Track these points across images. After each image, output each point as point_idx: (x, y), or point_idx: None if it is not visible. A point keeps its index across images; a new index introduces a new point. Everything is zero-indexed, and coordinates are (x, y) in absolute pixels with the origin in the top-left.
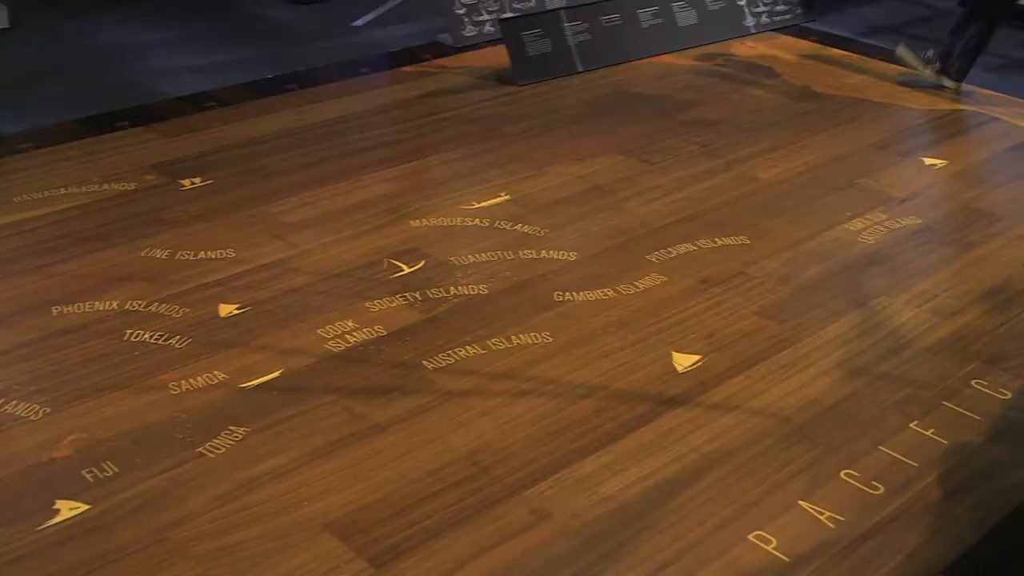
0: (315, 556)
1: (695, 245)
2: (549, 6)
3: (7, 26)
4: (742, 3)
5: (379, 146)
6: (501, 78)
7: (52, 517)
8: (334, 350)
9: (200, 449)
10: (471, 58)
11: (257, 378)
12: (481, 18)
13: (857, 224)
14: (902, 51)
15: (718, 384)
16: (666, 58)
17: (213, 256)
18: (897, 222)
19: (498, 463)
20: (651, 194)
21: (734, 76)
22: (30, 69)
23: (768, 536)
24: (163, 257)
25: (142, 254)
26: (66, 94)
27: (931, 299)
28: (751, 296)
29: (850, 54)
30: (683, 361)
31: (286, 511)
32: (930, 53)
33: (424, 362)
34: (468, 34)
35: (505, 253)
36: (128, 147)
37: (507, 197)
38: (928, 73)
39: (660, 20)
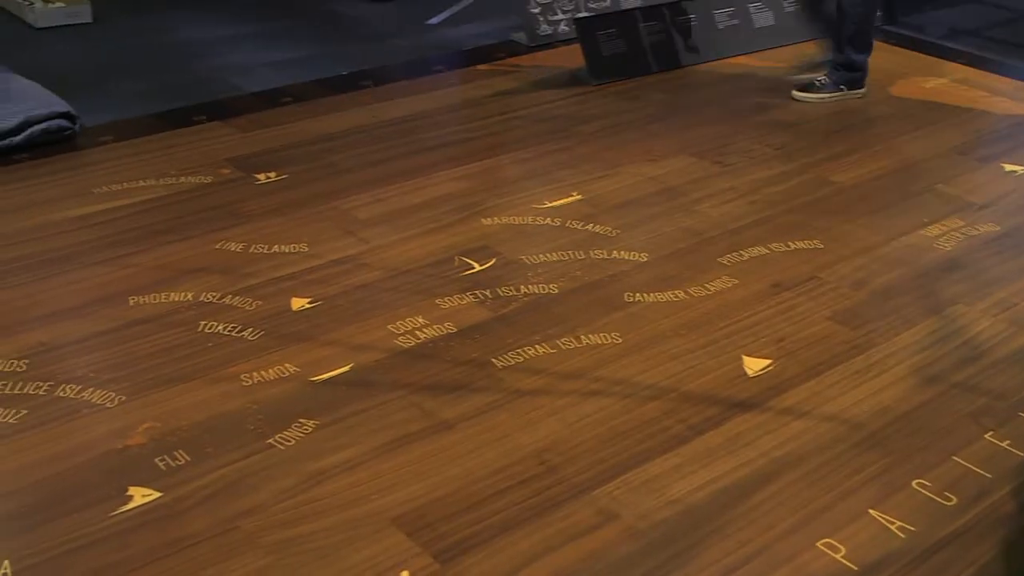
0: (381, 550)
1: (767, 248)
2: (624, 6)
3: (90, 21)
4: None
5: (451, 144)
6: (575, 77)
7: (125, 503)
8: (404, 346)
9: (270, 440)
10: (545, 57)
11: (327, 372)
12: (556, 17)
13: (934, 230)
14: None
15: (789, 389)
16: (742, 59)
17: (286, 250)
18: (975, 229)
19: (566, 462)
20: (724, 196)
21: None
22: (111, 63)
23: (837, 544)
24: (237, 250)
25: (217, 247)
26: (146, 88)
27: (1009, 308)
28: (824, 301)
29: (930, 57)
30: (753, 365)
31: (354, 504)
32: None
33: (493, 360)
34: (542, 33)
35: (576, 253)
36: (205, 141)
37: (579, 197)
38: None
39: (736, 21)
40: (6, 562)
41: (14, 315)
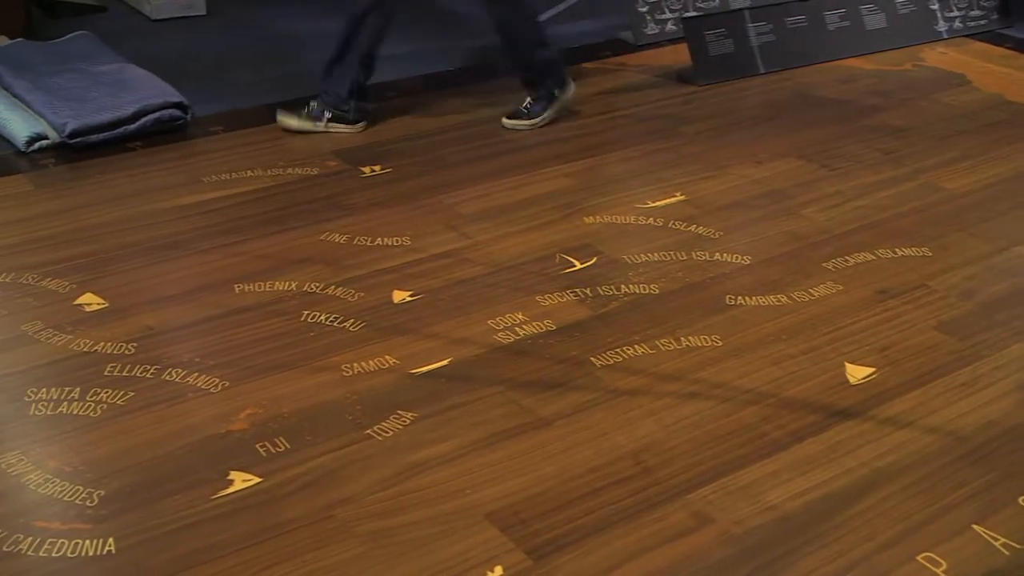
0: (475, 544)
1: (874, 255)
2: (733, 6)
3: (204, 13)
4: (935, 7)
5: (555, 141)
6: (681, 77)
7: (226, 487)
8: (503, 342)
9: (368, 431)
10: (651, 56)
11: (427, 365)
12: (663, 16)
13: None
14: (283, 118)
15: (892, 398)
16: (852, 62)
17: (389, 243)
18: None
19: (662, 464)
20: (830, 200)
21: (922, 82)
22: (224, 55)
23: (938, 559)
24: (341, 242)
25: (321, 238)
26: (256, 80)
27: None
28: (931, 310)
29: None
30: (856, 373)
31: (449, 498)
32: (313, 105)
33: (592, 359)
34: (649, 32)
35: (678, 253)
36: (312, 133)
37: (682, 197)
38: (323, 127)
39: (847, 23)
40: (111, 539)
41: (125, 299)
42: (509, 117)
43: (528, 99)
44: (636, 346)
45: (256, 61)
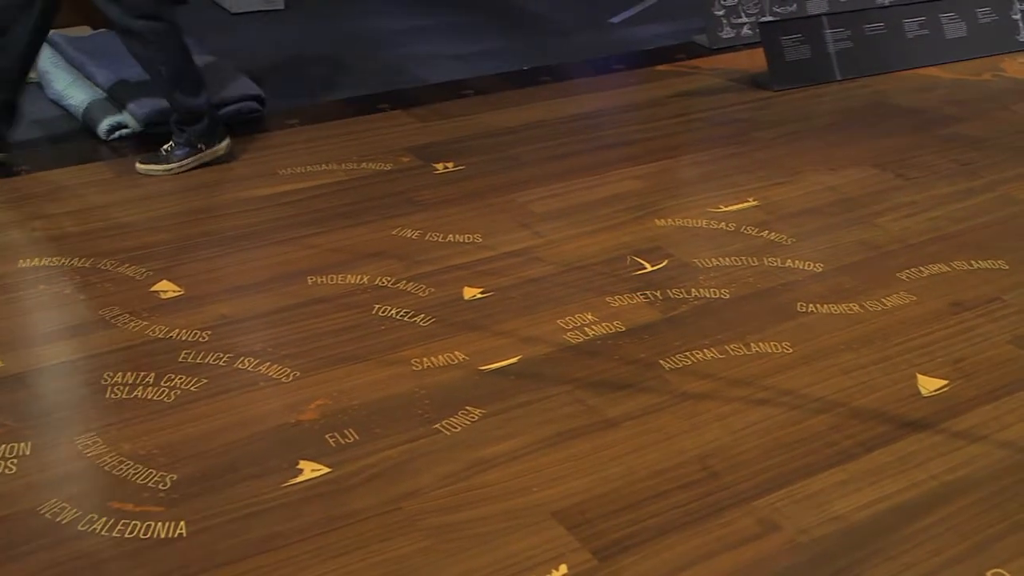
0: (540, 542)
1: (949, 266)
2: (811, 12)
3: (282, 8)
4: (1016, 17)
5: (628, 143)
6: (756, 82)
7: (296, 476)
8: (572, 341)
9: (437, 425)
10: (726, 60)
11: (496, 362)
12: (740, 20)
13: None
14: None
15: (964, 412)
16: (930, 70)
17: (461, 240)
18: None
19: (729, 469)
20: (905, 210)
21: (1001, 93)
22: (301, 49)
23: (1007, 575)
24: (413, 237)
25: (394, 232)
26: (332, 75)
27: None
28: (1006, 324)
29: None
30: (928, 385)
31: (515, 495)
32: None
33: (661, 361)
34: (725, 36)
35: (749, 259)
36: (387, 129)
37: (755, 203)
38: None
39: (926, 31)
40: (182, 523)
41: (201, 287)
42: (143, 162)
43: (171, 142)
44: (705, 350)
45: (333, 56)
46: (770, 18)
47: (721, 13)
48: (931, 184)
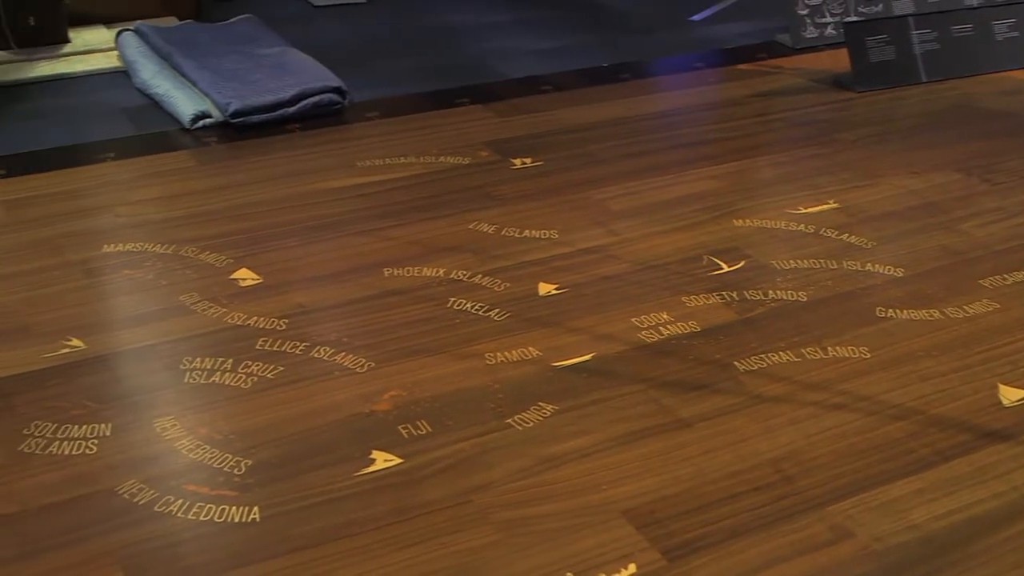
0: (609, 540)
1: None
2: (897, 12)
3: (364, 0)
4: None
5: (707, 142)
6: (839, 83)
7: (368, 466)
8: (646, 340)
9: (509, 420)
10: (808, 60)
11: (569, 359)
12: (824, 20)
13: None
14: None
15: None
16: (1019, 73)
17: (537, 235)
18: None
19: (803, 474)
20: (990, 216)
21: None
22: (382, 42)
23: None
24: (489, 232)
25: (470, 227)
26: (412, 68)
27: None
28: None
29: None
30: (1010, 395)
31: (585, 492)
32: None
33: (736, 363)
34: (808, 36)
35: (828, 262)
36: (465, 123)
37: (835, 205)
38: None
39: (1016, 33)
40: (256, 508)
41: (279, 276)
42: None
43: None
44: (781, 353)
45: (413, 50)
46: (855, 18)
47: (805, 12)
48: (1018, 189)
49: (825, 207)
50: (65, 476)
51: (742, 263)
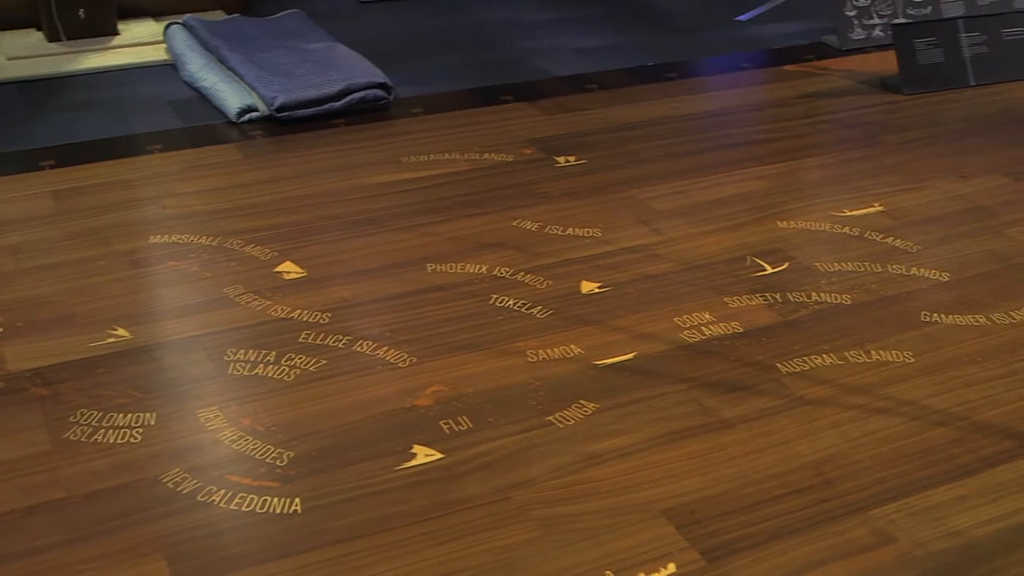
0: (649, 539)
1: None
2: (946, 15)
3: None
4: None
5: (752, 143)
6: (886, 85)
7: (409, 460)
8: (688, 340)
9: (550, 418)
10: (855, 62)
11: (611, 357)
12: (871, 22)
13: None
14: None
15: None
16: None
17: (580, 234)
18: None
19: (844, 477)
20: None
21: None
22: (427, 39)
23: None
24: (533, 229)
25: (514, 224)
26: (457, 65)
27: None
28: None
29: None
30: None
31: (625, 491)
32: None
33: (778, 365)
34: (855, 37)
35: (873, 265)
36: (509, 120)
37: (880, 208)
38: None
39: None
40: (297, 499)
41: (323, 269)
42: None
43: None
44: (824, 356)
45: (458, 46)
46: (903, 20)
47: (852, 14)
48: None
49: (870, 210)
50: (110, 464)
51: (786, 265)
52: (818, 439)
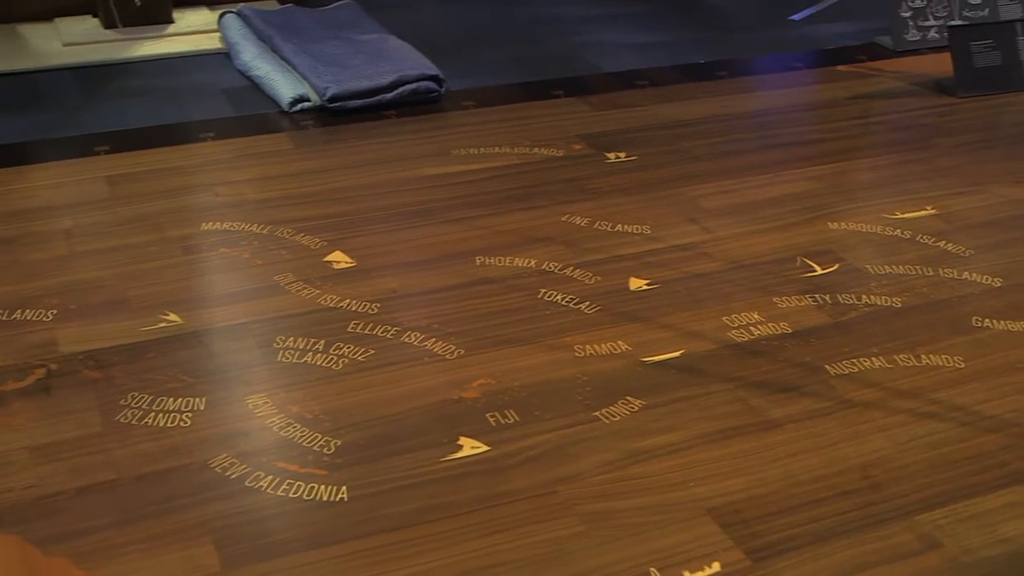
0: (693, 537)
1: None
2: (1004, 17)
3: None
4: None
5: (803, 143)
6: (940, 87)
7: (455, 452)
8: (736, 340)
9: (596, 413)
10: (909, 64)
11: (658, 355)
12: (927, 23)
13: None
14: None
15: None
16: None
17: (629, 230)
18: None
19: (891, 481)
20: None
21: None
22: (479, 32)
23: None
24: (582, 224)
25: (562, 219)
26: (508, 58)
27: None
28: None
29: None
30: None
31: (671, 488)
32: None
33: (827, 366)
34: (910, 39)
35: (924, 269)
36: (560, 115)
37: (933, 211)
38: None
39: None
40: (344, 487)
41: (373, 260)
42: None
43: None
44: (873, 358)
45: (510, 40)
46: (959, 22)
47: (908, 15)
48: None
49: (923, 213)
50: (160, 447)
51: (836, 266)
52: (865, 442)
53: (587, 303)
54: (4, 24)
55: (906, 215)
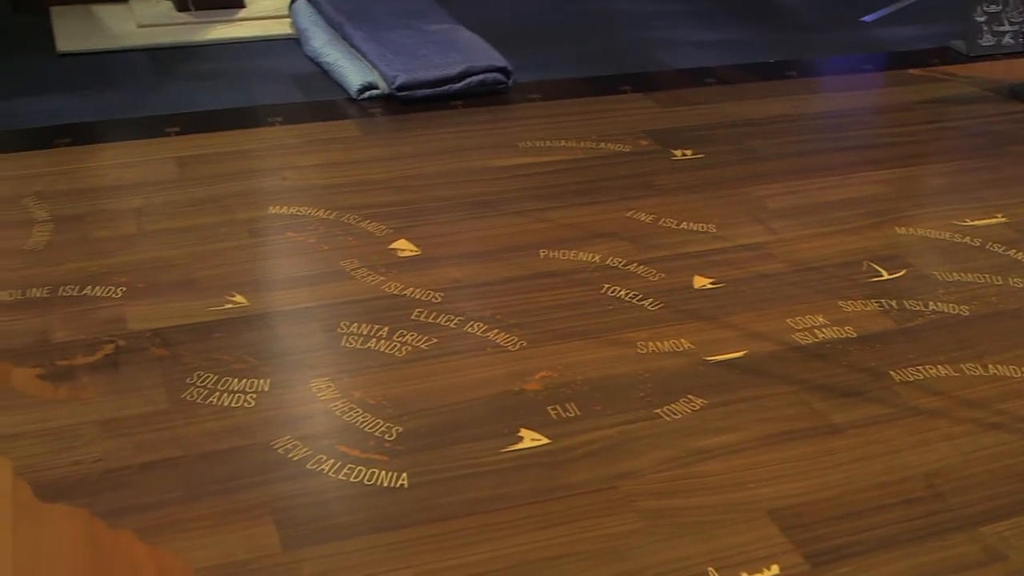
0: (753, 539)
1: None
2: None
3: None
4: None
5: (872, 146)
6: (1014, 94)
7: (515, 443)
8: (800, 342)
9: (657, 410)
10: (983, 69)
11: (721, 354)
12: (1002, 28)
13: None
14: None
15: None
16: None
17: (694, 228)
18: None
19: (955, 491)
20: None
21: None
22: (548, 25)
23: None
24: (647, 221)
25: (627, 215)
26: (576, 52)
27: None
28: None
29: None
30: None
31: (731, 488)
32: None
33: (891, 372)
34: (984, 44)
35: (993, 277)
36: (626, 110)
37: (1004, 219)
38: None
39: None
40: (404, 474)
41: (437, 249)
42: None
43: None
44: (939, 366)
45: (578, 34)
46: None
47: (983, 19)
48: None
49: (993, 221)
50: (225, 426)
51: (903, 272)
52: (930, 450)
53: (651, 300)
54: (81, 5)
55: (976, 222)
